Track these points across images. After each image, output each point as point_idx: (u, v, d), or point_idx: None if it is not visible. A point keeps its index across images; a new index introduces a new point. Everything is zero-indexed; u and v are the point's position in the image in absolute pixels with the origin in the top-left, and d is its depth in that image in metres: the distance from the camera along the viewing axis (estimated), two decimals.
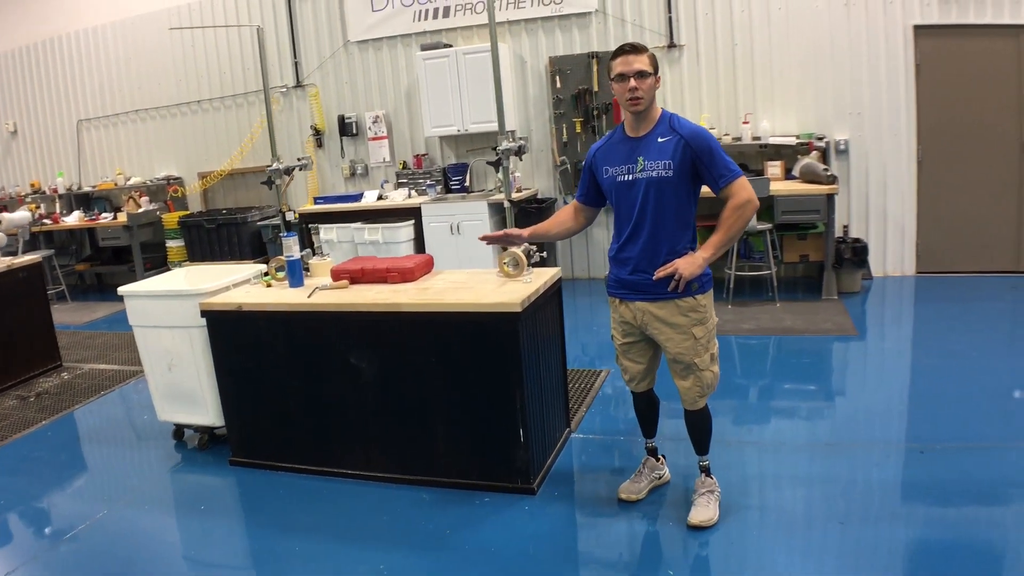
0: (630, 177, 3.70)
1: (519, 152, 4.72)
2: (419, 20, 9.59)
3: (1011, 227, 8.27)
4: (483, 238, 4.36)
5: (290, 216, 5.52)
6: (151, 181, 11.19)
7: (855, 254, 7.97)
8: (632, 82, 3.57)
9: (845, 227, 8.46)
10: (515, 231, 4.22)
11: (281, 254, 5.04)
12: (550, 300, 4.68)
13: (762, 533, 3.80)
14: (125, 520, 4.46)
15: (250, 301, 4.76)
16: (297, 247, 4.97)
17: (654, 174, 3.63)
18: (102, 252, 11.63)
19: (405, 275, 4.79)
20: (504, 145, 4.68)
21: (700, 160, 3.59)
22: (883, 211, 8.53)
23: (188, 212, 10.83)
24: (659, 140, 3.65)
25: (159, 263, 10.68)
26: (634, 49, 3.63)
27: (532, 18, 9.18)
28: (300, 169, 5.60)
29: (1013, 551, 3.50)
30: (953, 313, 7.24)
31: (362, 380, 4.53)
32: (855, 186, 8.53)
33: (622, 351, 4.04)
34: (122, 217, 10.58)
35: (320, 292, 4.71)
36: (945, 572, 3.38)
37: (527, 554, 3.78)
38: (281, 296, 4.79)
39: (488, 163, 4.98)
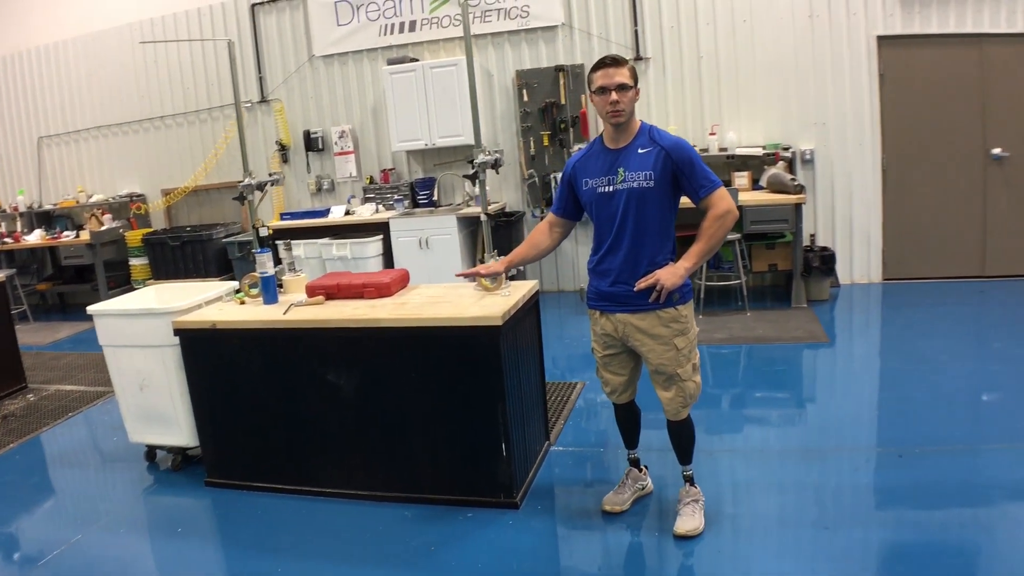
0: (610, 188, 3.70)
1: (495, 165, 4.70)
2: (385, 34, 9.56)
3: (976, 233, 8.40)
4: (460, 274, 4.49)
5: (264, 231, 5.44)
6: (113, 198, 11.03)
7: (823, 262, 8.05)
8: (613, 95, 3.59)
9: (812, 236, 8.53)
10: (492, 266, 4.33)
11: (250, 271, 4.99)
12: (528, 313, 4.67)
13: (749, 541, 3.81)
14: (101, 545, 4.36)
15: (224, 319, 4.69)
16: (271, 263, 4.90)
17: (635, 185, 3.64)
18: (64, 271, 11.44)
19: (382, 290, 4.75)
20: (481, 158, 4.66)
21: (681, 171, 3.62)
22: (849, 219, 8.63)
23: (152, 229, 10.69)
24: (639, 151, 3.67)
25: (123, 282, 10.52)
26: (615, 62, 3.64)
27: (499, 32, 9.18)
28: (272, 184, 5.53)
29: (997, 552, 3.54)
30: (922, 318, 7.34)
31: (340, 397, 4.49)
32: (821, 195, 8.62)
33: (603, 364, 4.04)
34: (84, 235, 10.39)
35: (296, 308, 4.66)
36: (932, 575, 3.42)
37: (513, 569, 3.76)
38: (256, 313, 4.73)
39: (464, 176, 4.96)
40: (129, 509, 4.84)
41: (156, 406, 5.10)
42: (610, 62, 3.65)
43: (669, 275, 3.63)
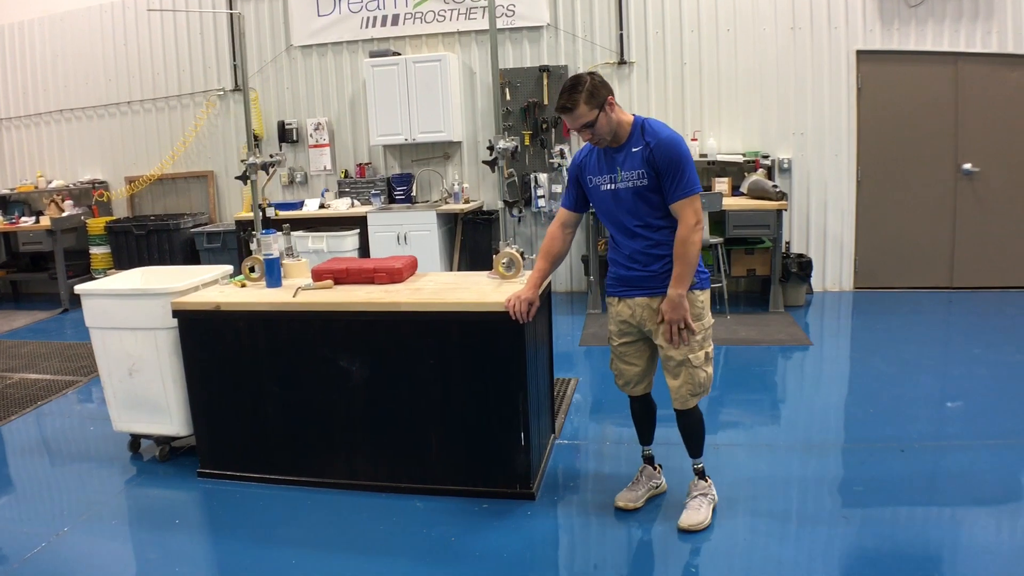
0: (612, 186, 3.77)
1: (514, 153, 4.64)
2: (366, 27, 9.47)
3: (945, 246, 8.62)
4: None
5: (271, 212, 5.33)
6: (74, 185, 10.73)
7: (801, 269, 8.17)
8: (583, 134, 3.70)
9: (787, 243, 8.65)
10: (529, 296, 3.99)
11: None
12: (543, 304, 4.62)
13: (757, 536, 3.82)
14: (87, 540, 4.10)
15: (229, 300, 4.56)
16: (277, 245, 4.79)
17: (630, 184, 3.71)
18: (18, 259, 11.07)
19: (393, 276, 4.67)
20: (501, 144, 4.59)
21: (659, 169, 3.63)
22: (823, 228, 8.78)
23: (115, 218, 10.41)
24: (633, 150, 3.70)
25: (82, 271, 10.21)
26: (565, 109, 3.64)
27: (483, 30, 9.17)
28: (274, 166, 5.40)
29: (1017, 541, 3.61)
30: (897, 324, 7.51)
31: (350, 384, 4.38)
32: (797, 204, 8.76)
33: (618, 354, 4.01)
34: (44, 222, 10.08)
35: (304, 292, 4.56)
36: (953, 560, 3.47)
37: (539, 558, 3.74)
38: (263, 296, 4.61)
39: (484, 162, 4.89)
40: (117, 501, 4.61)
41: (146, 392, 4.91)
42: (562, 107, 3.64)
43: (672, 309, 3.66)
